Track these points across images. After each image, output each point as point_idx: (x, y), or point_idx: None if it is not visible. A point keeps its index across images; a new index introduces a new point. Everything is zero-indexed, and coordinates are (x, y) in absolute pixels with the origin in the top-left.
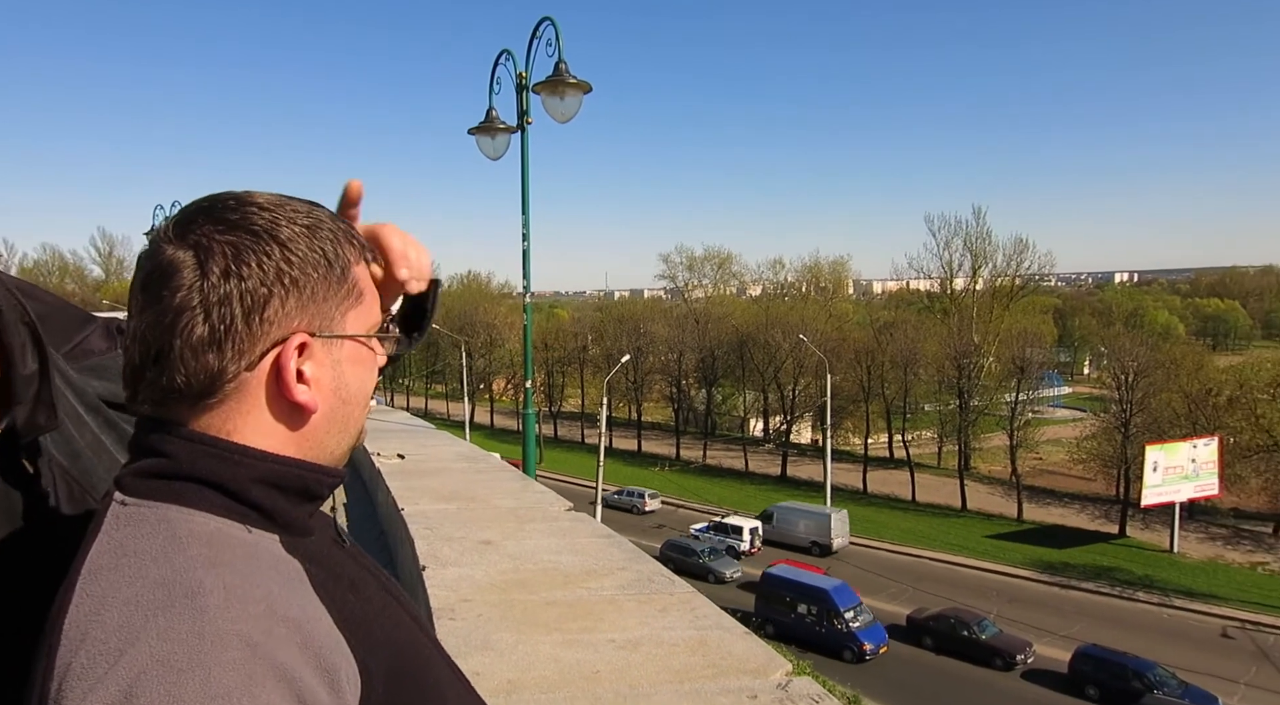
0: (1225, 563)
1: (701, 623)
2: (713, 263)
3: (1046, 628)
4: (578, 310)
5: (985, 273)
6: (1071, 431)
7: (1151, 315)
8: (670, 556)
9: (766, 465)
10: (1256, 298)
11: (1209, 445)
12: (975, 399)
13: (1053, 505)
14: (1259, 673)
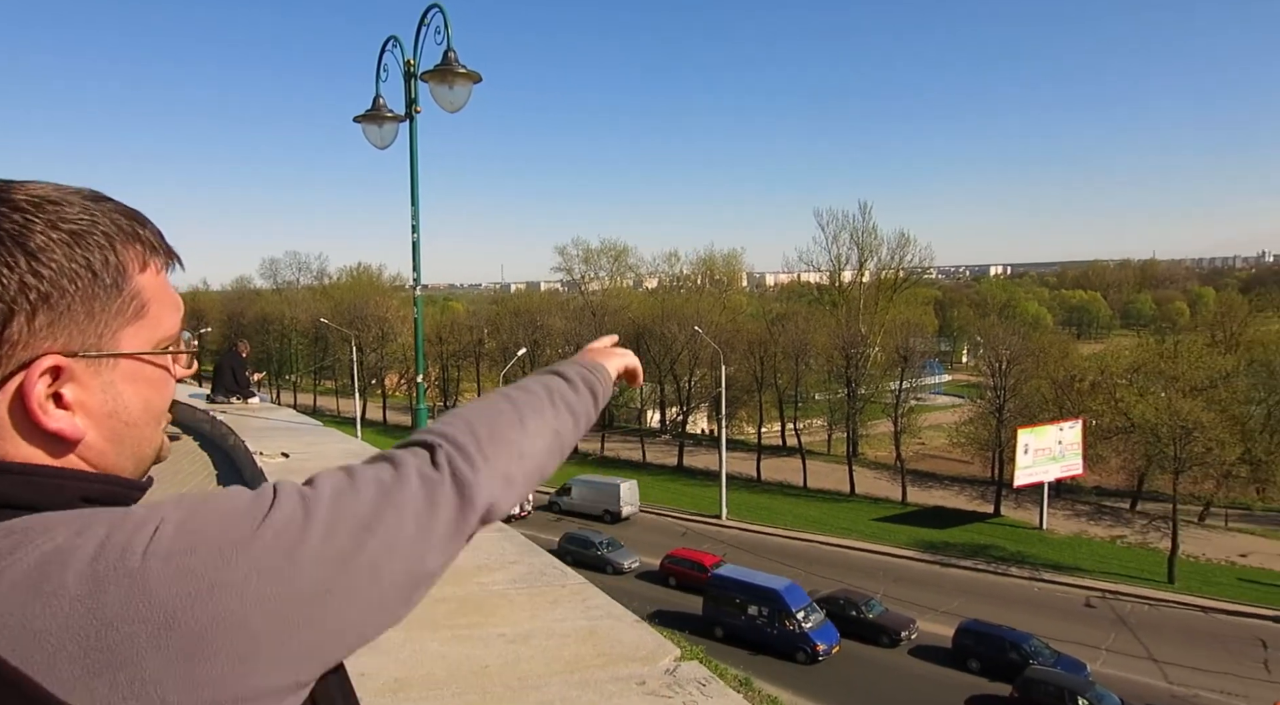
0: (1089, 537)
1: (593, 613)
2: (609, 255)
3: (928, 605)
4: (473, 303)
5: (871, 266)
6: (951, 417)
7: (1023, 306)
8: (569, 549)
9: (663, 456)
10: (1116, 289)
11: (1074, 428)
12: (862, 388)
13: (934, 488)
14: (1117, 639)
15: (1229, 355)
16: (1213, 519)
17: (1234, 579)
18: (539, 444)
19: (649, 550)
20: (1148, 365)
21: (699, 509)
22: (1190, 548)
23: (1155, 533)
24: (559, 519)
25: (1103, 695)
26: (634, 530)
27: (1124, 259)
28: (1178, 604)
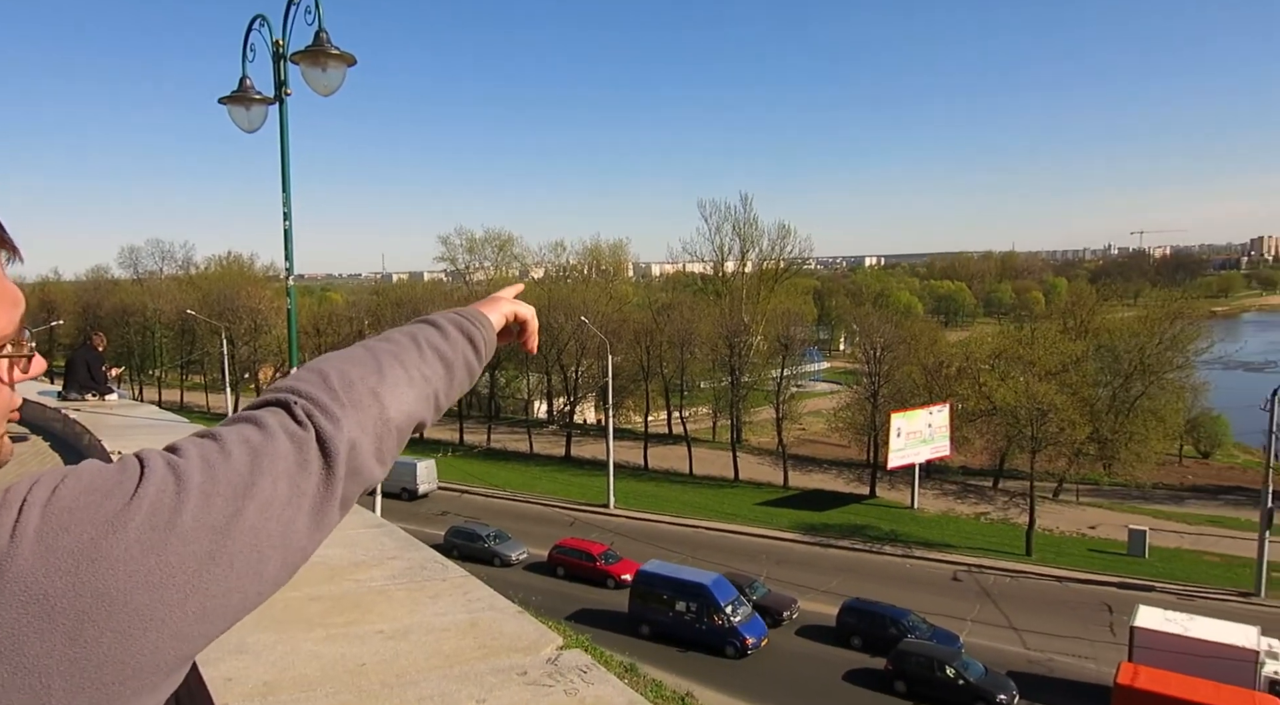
0: (956, 515)
1: (474, 606)
2: (494, 245)
3: (809, 584)
4: (353, 293)
5: (753, 256)
6: (829, 403)
7: (895, 296)
8: (455, 543)
9: (551, 446)
10: (979, 280)
11: (942, 411)
12: (746, 376)
13: (814, 471)
14: (982, 609)
15: (1079, 341)
16: (1065, 494)
17: (1084, 550)
18: (405, 394)
19: (537, 541)
20: (1008, 351)
21: (587, 498)
22: (1046, 522)
23: (1015, 509)
24: (444, 514)
25: (968, 664)
26: (522, 522)
27: (987, 251)
28: (1035, 575)
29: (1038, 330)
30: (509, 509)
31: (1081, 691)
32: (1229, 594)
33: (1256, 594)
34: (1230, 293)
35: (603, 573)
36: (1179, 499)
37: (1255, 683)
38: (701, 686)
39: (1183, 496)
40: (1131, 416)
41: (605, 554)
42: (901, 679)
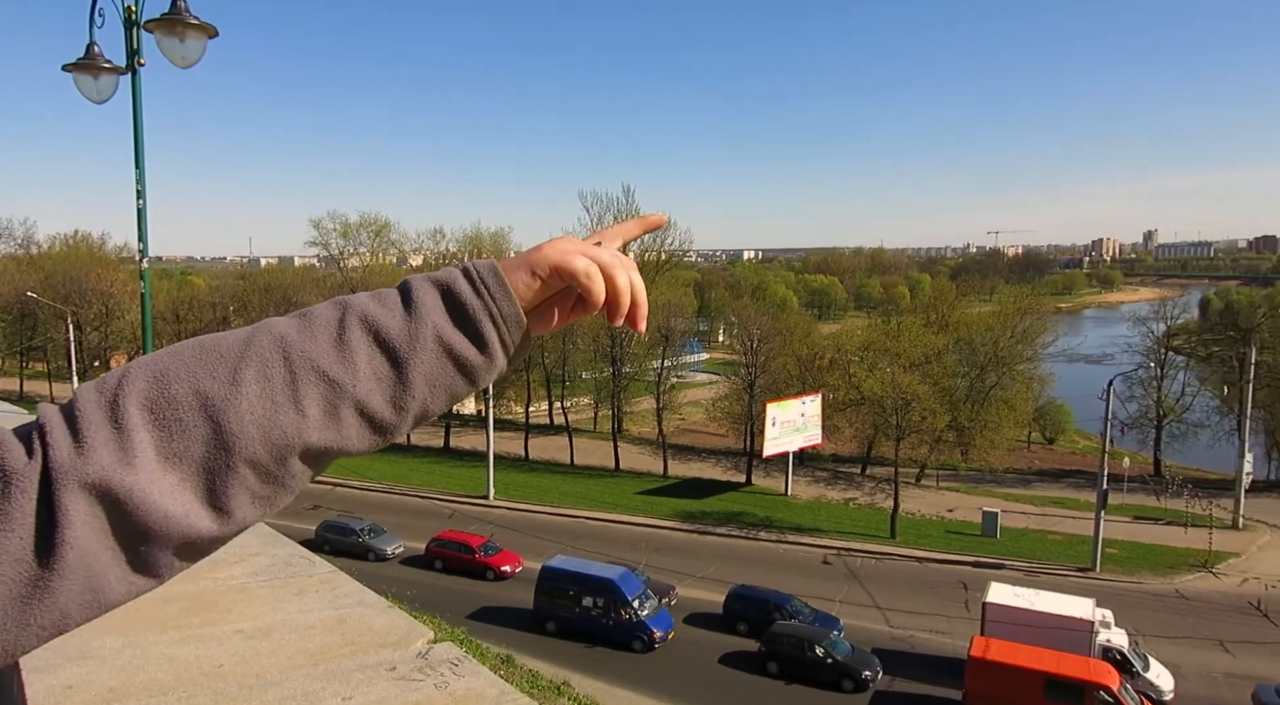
0: (826, 501)
1: (342, 602)
2: (369, 230)
3: (688, 571)
4: (217, 278)
5: (634, 248)
6: (708, 393)
7: (772, 289)
8: (327, 537)
9: (429, 438)
10: (850, 275)
11: (814, 401)
12: (627, 366)
13: (693, 460)
14: (850, 591)
15: (940, 335)
16: (927, 480)
17: (943, 531)
18: (278, 409)
19: (415, 534)
20: (876, 344)
21: (466, 490)
22: (909, 506)
23: (881, 494)
24: (316, 507)
25: (836, 643)
26: (399, 515)
27: (858, 247)
28: (898, 556)
29: (903, 324)
30: (385, 502)
31: (940, 665)
32: (1069, 570)
33: (1092, 569)
34: (1074, 290)
35: (482, 565)
36: (1027, 482)
37: (1090, 650)
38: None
39: (1030, 480)
40: (986, 406)
41: (484, 546)
42: (774, 660)
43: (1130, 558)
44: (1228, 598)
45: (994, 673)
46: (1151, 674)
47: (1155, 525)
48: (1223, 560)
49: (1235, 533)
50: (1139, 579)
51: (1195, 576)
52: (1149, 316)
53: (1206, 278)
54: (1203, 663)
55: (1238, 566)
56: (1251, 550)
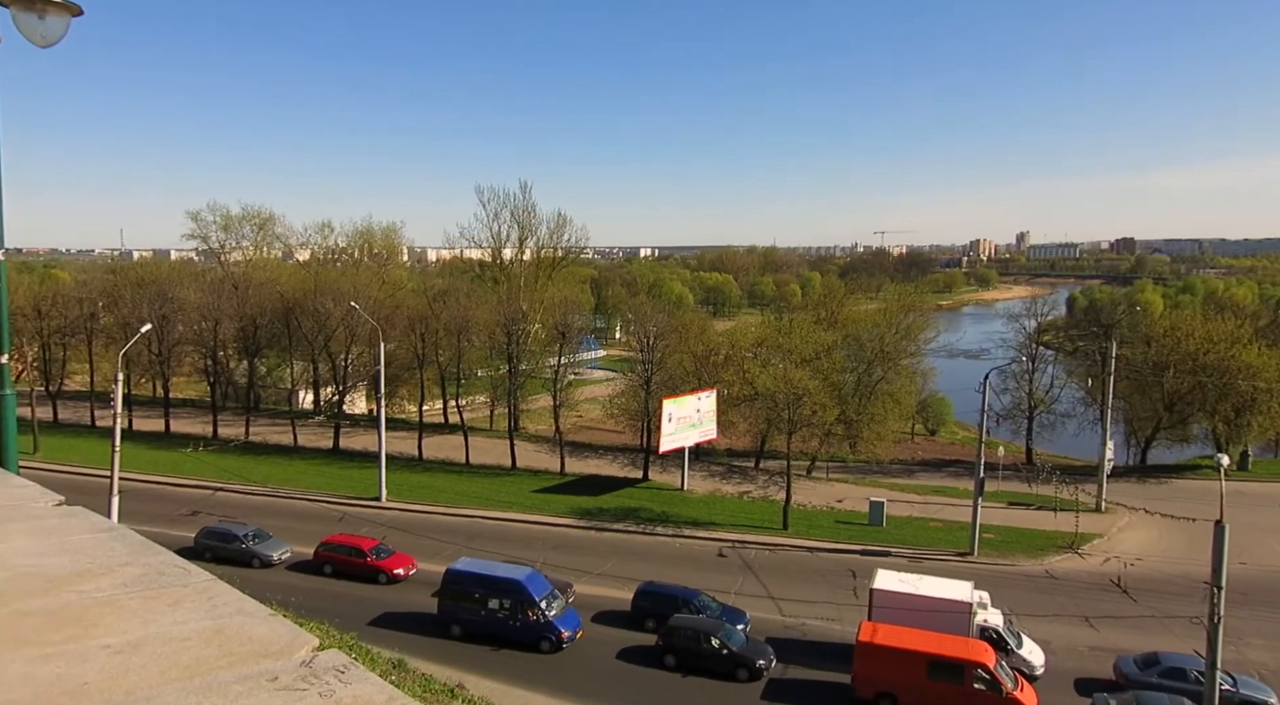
0: (721, 495)
1: (220, 612)
2: (252, 223)
3: (585, 568)
4: (83, 272)
5: (531, 244)
6: (606, 390)
7: (668, 286)
8: (207, 544)
9: (318, 439)
10: (744, 273)
11: (709, 397)
12: (524, 363)
13: (590, 458)
14: (744, 582)
15: (830, 331)
16: (817, 472)
17: (832, 522)
18: None
19: (303, 539)
20: (768, 340)
21: (357, 492)
22: (800, 497)
23: (774, 487)
24: (195, 513)
25: (731, 634)
26: (286, 519)
27: (751, 246)
28: (790, 547)
29: (795, 321)
30: (270, 506)
31: (830, 651)
32: (950, 555)
33: (971, 553)
34: (953, 289)
35: (374, 568)
36: (911, 472)
37: (969, 630)
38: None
39: (914, 470)
40: (873, 399)
41: (376, 549)
42: (671, 653)
43: (1005, 542)
44: (1092, 576)
45: (881, 656)
46: (1024, 651)
47: (1027, 510)
48: (1087, 541)
49: (1098, 515)
50: (1013, 561)
51: (1063, 557)
52: (1021, 313)
53: (1073, 277)
54: (1070, 637)
55: (1101, 547)
56: (1113, 531)
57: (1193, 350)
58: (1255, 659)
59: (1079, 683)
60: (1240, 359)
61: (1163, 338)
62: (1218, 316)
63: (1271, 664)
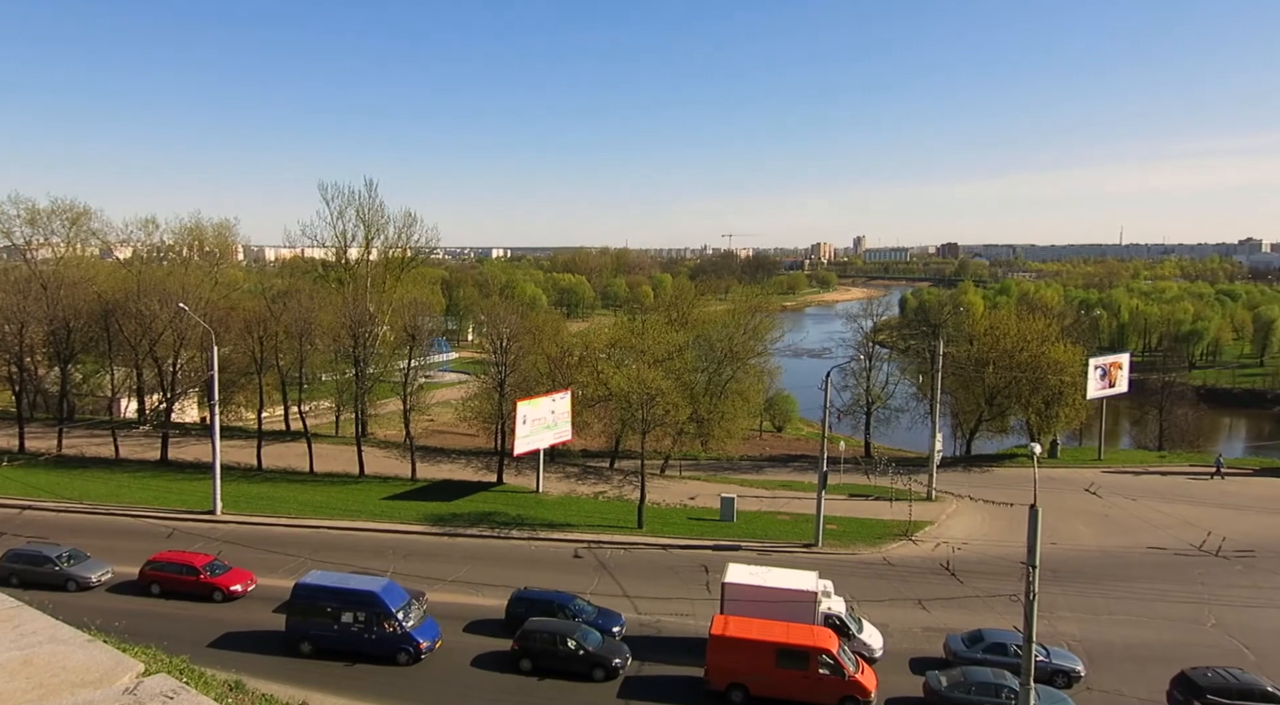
0: (577, 496)
1: (29, 641)
2: (64, 218)
3: (438, 575)
4: None
5: (378, 243)
6: (458, 393)
7: (521, 287)
8: (14, 568)
9: (144, 450)
10: (598, 274)
11: (564, 398)
12: (372, 367)
13: (443, 462)
14: (600, 582)
15: (682, 331)
16: (671, 470)
17: (685, 519)
18: None
19: (127, 558)
20: (622, 341)
21: (189, 505)
22: (654, 496)
23: (629, 486)
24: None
25: (587, 634)
26: (107, 537)
27: (604, 247)
28: (645, 545)
29: (647, 322)
30: (89, 524)
31: (685, 646)
32: (796, 546)
33: (816, 544)
34: (797, 290)
35: (208, 586)
36: (759, 468)
37: (815, 618)
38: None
39: (763, 466)
40: (723, 398)
41: (210, 566)
42: (527, 657)
43: (847, 532)
44: (924, 561)
45: (732, 648)
46: (865, 635)
47: (867, 501)
48: (920, 529)
49: (930, 504)
50: (854, 551)
51: (899, 544)
52: (859, 314)
53: (905, 279)
54: (905, 620)
55: (932, 533)
56: (942, 518)
57: (1009, 348)
58: (1065, 631)
59: (913, 662)
60: (1049, 356)
61: (983, 336)
62: (1030, 316)
63: (1079, 634)
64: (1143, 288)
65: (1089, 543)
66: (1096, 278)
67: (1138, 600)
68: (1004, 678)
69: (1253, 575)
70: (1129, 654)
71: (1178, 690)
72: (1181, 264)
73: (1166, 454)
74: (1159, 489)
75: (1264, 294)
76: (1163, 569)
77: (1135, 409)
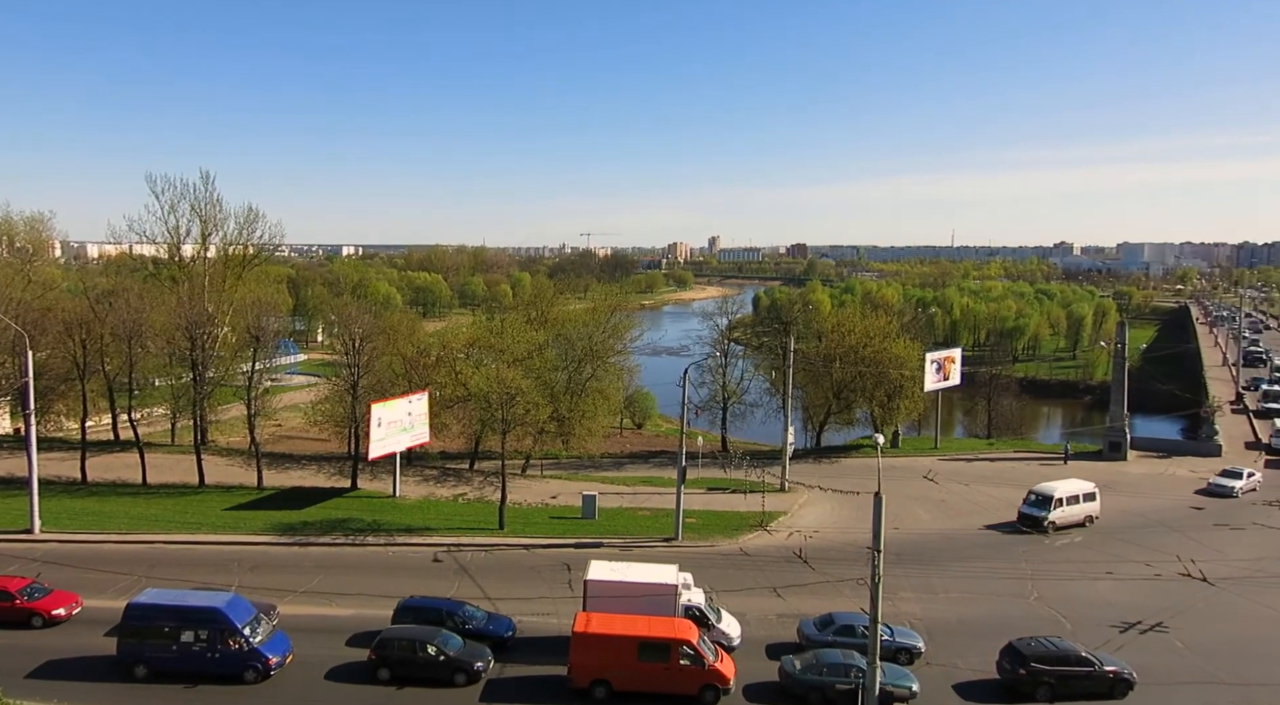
0: (436, 499)
1: None
2: None
3: (289, 587)
4: None
5: (217, 240)
6: (308, 396)
7: (374, 286)
8: None
9: None
10: (454, 272)
11: (421, 400)
12: (211, 370)
13: (293, 469)
14: (461, 586)
15: (541, 330)
16: (532, 470)
17: (547, 518)
18: None
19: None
20: (481, 340)
21: (1, 524)
22: (516, 496)
23: (489, 487)
24: None
25: (448, 639)
26: None
27: (461, 245)
28: (507, 546)
29: (506, 321)
30: None
31: (548, 646)
32: (657, 541)
33: (676, 538)
34: (655, 289)
35: (25, 611)
36: (620, 465)
37: (675, 611)
38: None
39: (624, 463)
40: (584, 396)
41: (28, 589)
42: (385, 667)
43: (705, 525)
44: (779, 550)
45: (595, 644)
46: (723, 624)
47: (724, 494)
48: (774, 519)
49: (783, 494)
50: (712, 543)
51: (754, 535)
52: (714, 312)
53: (757, 278)
54: (762, 608)
55: (785, 523)
56: (795, 508)
57: (854, 344)
58: (907, 611)
59: (769, 648)
60: (891, 351)
61: (831, 333)
62: (873, 314)
63: (919, 613)
64: (972, 287)
65: (928, 526)
66: (931, 277)
67: (971, 578)
68: (853, 658)
69: (1069, 551)
70: (964, 629)
71: (1005, 660)
72: (1005, 265)
73: (995, 441)
74: (989, 474)
75: (1075, 293)
76: (992, 548)
77: (966, 400)
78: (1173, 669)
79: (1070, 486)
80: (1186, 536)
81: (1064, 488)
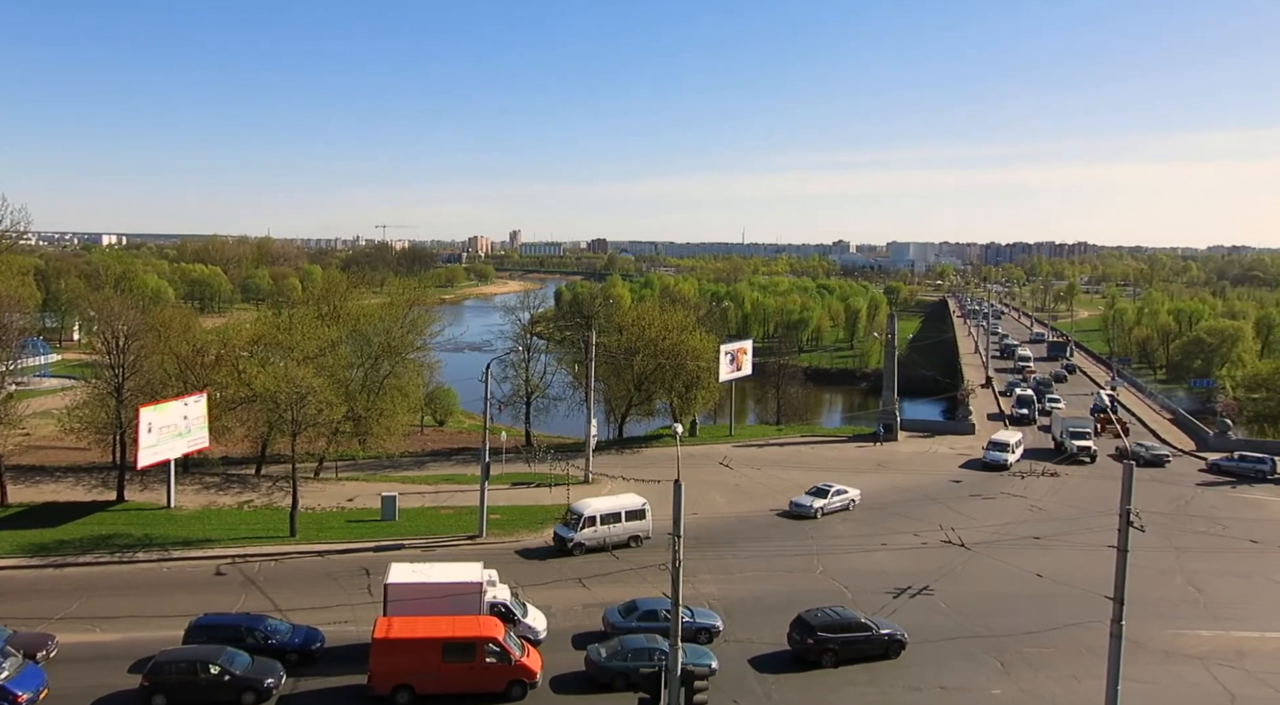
0: (218, 508)
1: None
2: None
3: (41, 614)
4: None
5: None
6: (62, 401)
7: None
8: None
9: None
10: (236, 265)
11: (199, 402)
12: None
13: (45, 482)
14: (247, 599)
15: (334, 326)
16: (326, 472)
17: (344, 522)
18: None
19: None
20: (267, 337)
21: None
22: (309, 501)
23: (279, 492)
24: None
25: (234, 657)
26: None
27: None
28: (299, 554)
29: (296, 316)
30: None
31: (346, 655)
32: (461, 539)
33: (480, 535)
34: (455, 283)
35: None
36: (422, 464)
37: (481, 608)
38: None
39: (425, 461)
40: (381, 394)
41: None
42: (161, 693)
43: (510, 520)
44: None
45: (396, 649)
46: (529, 619)
47: (528, 489)
48: None
49: (587, 486)
50: (518, 538)
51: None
52: (516, 307)
53: (559, 273)
54: (568, 600)
55: None
56: None
57: (654, 337)
58: (706, 592)
59: (575, 638)
60: (688, 343)
61: (631, 326)
62: (671, 308)
63: (718, 593)
64: (761, 282)
65: (724, 510)
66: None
67: (763, 557)
68: (656, 641)
69: (847, 525)
70: (758, 606)
71: (795, 631)
72: (791, 262)
73: (784, 427)
74: (779, 458)
75: (852, 288)
76: (781, 528)
77: (758, 389)
78: (938, 627)
79: (607, 504)
80: (947, 507)
81: (599, 505)
